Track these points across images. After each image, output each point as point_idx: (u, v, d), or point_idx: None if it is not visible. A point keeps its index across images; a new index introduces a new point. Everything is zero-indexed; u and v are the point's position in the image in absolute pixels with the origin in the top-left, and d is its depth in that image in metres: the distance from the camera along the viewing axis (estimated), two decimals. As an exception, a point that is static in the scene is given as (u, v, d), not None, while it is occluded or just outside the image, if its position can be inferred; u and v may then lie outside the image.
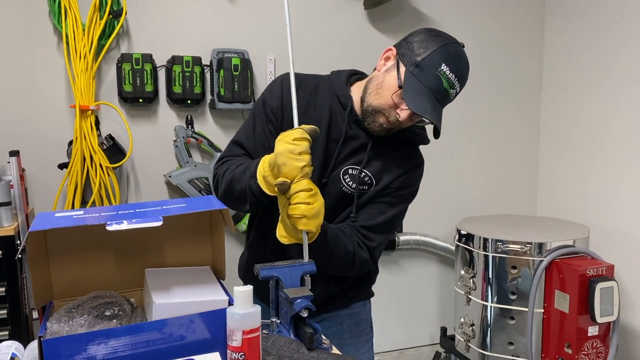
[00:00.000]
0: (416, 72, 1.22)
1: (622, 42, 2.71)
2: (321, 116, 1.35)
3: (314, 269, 1.12)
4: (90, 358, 0.84)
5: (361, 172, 1.35)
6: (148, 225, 0.87)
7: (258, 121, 1.37)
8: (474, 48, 3.06)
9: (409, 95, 1.21)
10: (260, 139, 1.35)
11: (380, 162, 1.37)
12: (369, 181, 1.36)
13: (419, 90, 1.22)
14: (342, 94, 1.37)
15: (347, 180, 1.36)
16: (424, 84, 1.22)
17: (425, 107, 1.21)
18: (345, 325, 1.50)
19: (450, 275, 3.10)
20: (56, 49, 2.37)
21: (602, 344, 2.28)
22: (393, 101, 1.26)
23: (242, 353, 0.82)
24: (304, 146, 1.09)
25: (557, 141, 3.14)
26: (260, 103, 1.38)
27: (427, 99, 1.22)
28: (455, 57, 1.24)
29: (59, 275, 0.97)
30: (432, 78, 1.22)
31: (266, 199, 1.18)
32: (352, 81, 1.42)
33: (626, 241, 2.71)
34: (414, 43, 1.26)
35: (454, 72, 1.23)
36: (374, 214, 1.37)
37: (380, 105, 1.28)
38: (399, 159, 1.39)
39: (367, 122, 1.32)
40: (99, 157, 2.31)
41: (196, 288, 0.97)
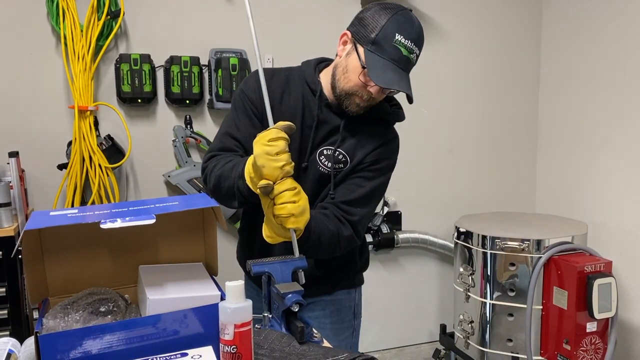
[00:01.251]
0: (374, 48, 1.28)
1: (619, 39, 2.72)
2: (295, 105, 1.42)
3: (305, 264, 1.14)
4: (86, 353, 0.85)
5: (335, 151, 1.40)
6: (141, 223, 0.88)
7: (241, 112, 1.42)
8: (472, 45, 3.08)
9: (374, 73, 1.27)
10: (247, 127, 1.40)
11: (354, 140, 1.42)
12: (343, 159, 1.41)
13: (382, 65, 1.27)
14: (311, 81, 1.43)
15: (323, 160, 1.41)
16: (385, 58, 1.27)
17: (391, 79, 1.27)
18: (328, 311, 1.55)
19: (449, 272, 3.11)
20: (54, 50, 2.39)
21: (600, 340, 2.29)
22: (361, 81, 1.32)
23: (234, 346, 0.83)
24: (280, 146, 1.11)
25: (555, 138, 3.15)
26: (238, 95, 1.44)
27: (391, 70, 1.28)
28: (406, 24, 1.29)
29: (54, 273, 0.98)
30: (390, 50, 1.27)
31: (254, 198, 1.20)
32: (320, 68, 1.48)
33: (624, 237, 2.72)
34: (365, 20, 1.32)
35: (409, 38, 1.28)
36: (352, 188, 1.41)
37: (351, 88, 1.34)
38: (372, 135, 1.44)
39: (345, 105, 1.38)
40: (98, 157, 2.32)
41: (189, 284, 0.98)
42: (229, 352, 0.84)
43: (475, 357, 2.55)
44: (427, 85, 2.96)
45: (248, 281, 1.55)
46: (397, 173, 1.53)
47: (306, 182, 1.40)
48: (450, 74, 3.05)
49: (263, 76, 1.25)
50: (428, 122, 3.01)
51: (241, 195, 1.22)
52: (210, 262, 1.07)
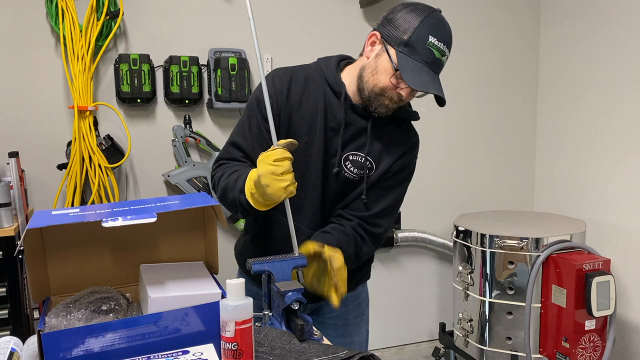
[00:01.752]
0: (407, 50, 1.26)
1: (617, 38, 2.73)
2: (316, 106, 1.38)
3: (305, 262, 1.15)
4: (88, 351, 0.86)
5: (362, 157, 1.39)
6: (142, 221, 0.89)
7: (253, 120, 1.38)
8: (471, 45, 3.08)
9: (408, 75, 1.25)
10: (256, 138, 1.37)
11: (379, 145, 1.41)
12: (369, 165, 1.40)
13: (415, 67, 1.26)
14: (334, 82, 1.39)
15: (349, 166, 1.39)
16: (418, 60, 1.26)
17: (426, 82, 1.26)
18: (350, 307, 1.57)
19: (448, 271, 3.12)
20: (54, 50, 2.39)
21: (599, 337, 2.29)
22: (392, 83, 1.29)
23: (235, 343, 0.84)
24: (285, 166, 1.12)
25: (553, 137, 3.15)
26: (254, 102, 1.40)
27: (425, 73, 1.26)
28: (439, 26, 1.27)
29: (56, 272, 0.99)
30: (423, 52, 1.25)
31: (255, 211, 1.21)
32: (341, 67, 1.44)
33: (622, 235, 2.73)
34: (395, 22, 1.29)
35: (442, 41, 1.27)
36: (376, 199, 1.41)
37: (381, 90, 1.31)
38: (396, 139, 1.43)
39: (374, 107, 1.35)
40: (97, 157, 2.33)
41: (190, 282, 0.99)
42: (230, 349, 0.84)
43: (475, 355, 2.56)
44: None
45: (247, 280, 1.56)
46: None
47: (333, 187, 1.40)
48: (449, 73, 3.04)
49: (266, 90, 1.23)
50: (427, 121, 2.99)
51: (243, 208, 1.23)
52: (211, 261, 1.08)
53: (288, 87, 1.38)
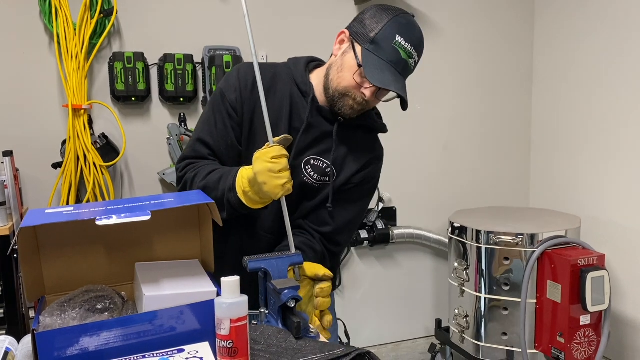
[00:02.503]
0: (372, 48, 1.23)
1: (611, 34, 2.73)
2: (281, 105, 1.34)
3: (302, 260, 1.15)
4: (83, 350, 0.86)
5: (324, 163, 1.35)
6: (137, 219, 0.89)
7: (218, 116, 1.34)
8: (465, 42, 3.08)
9: (370, 72, 1.21)
10: (222, 135, 1.34)
11: (343, 151, 1.37)
12: (329, 172, 1.36)
13: (379, 65, 1.22)
14: (302, 82, 1.36)
15: (309, 170, 1.35)
16: (383, 58, 1.22)
17: (388, 79, 1.22)
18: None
19: (444, 267, 3.13)
20: (47, 49, 2.38)
21: (594, 332, 2.30)
22: (355, 81, 1.26)
23: (230, 341, 0.84)
24: (283, 163, 1.11)
25: (548, 133, 3.16)
26: (219, 97, 1.35)
27: (388, 72, 1.23)
28: (408, 27, 1.24)
29: (50, 271, 0.99)
30: (389, 51, 1.22)
31: (245, 210, 1.20)
32: (310, 68, 1.41)
33: (617, 231, 2.74)
34: (365, 20, 1.27)
35: (410, 42, 1.23)
36: (339, 212, 1.38)
37: (345, 88, 1.28)
38: (361, 147, 1.40)
39: (338, 107, 1.32)
40: (92, 156, 2.32)
41: (185, 280, 0.99)
42: (225, 347, 0.85)
43: (471, 351, 2.57)
44: (421, 82, 2.97)
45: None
46: (391, 169, 1.54)
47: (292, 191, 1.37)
48: (444, 70, 3.06)
49: (261, 86, 1.19)
50: (422, 119, 3.02)
51: (231, 207, 1.20)
52: (206, 259, 1.08)
53: (253, 81, 1.32)
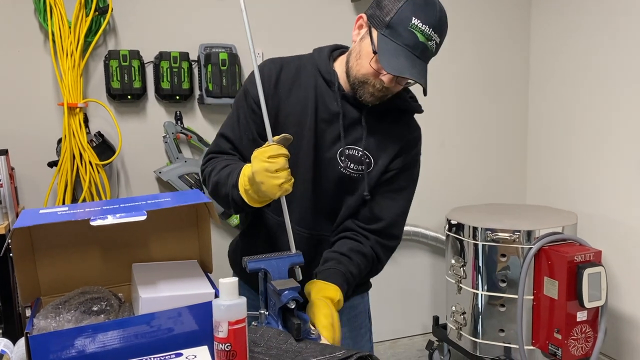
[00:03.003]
0: (388, 32, 1.18)
1: (608, 31, 2.73)
2: (306, 96, 1.32)
3: (302, 260, 1.13)
4: (79, 353, 0.85)
5: (359, 152, 1.32)
6: (132, 219, 0.88)
7: (241, 112, 1.34)
8: (462, 39, 3.07)
9: (385, 58, 1.17)
10: (244, 130, 1.33)
11: (376, 138, 1.34)
12: (367, 160, 1.33)
13: (394, 51, 1.17)
14: (326, 71, 1.33)
15: (345, 161, 1.32)
16: (398, 43, 1.17)
17: (403, 66, 1.17)
18: (344, 318, 1.48)
19: (441, 264, 3.13)
20: (42, 47, 2.37)
21: (591, 328, 2.31)
22: (373, 68, 1.22)
23: (228, 344, 0.84)
24: (280, 163, 1.08)
25: (544, 130, 3.16)
26: (242, 94, 1.36)
27: (404, 57, 1.17)
28: (425, 8, 1.18)
29: (45, 272, 0.98)
30: (405, 35, 1.17)
31: (249, 207, 1.18)
32: (334, 56, 1.38)
33: (613, 227, 2.74)
34: (382, 2, 1.21)
35: (427, 23, 1.17)
36: (388, 204, 1.36)
37: (364, 75, 1.25)
38: (395, 132, 1.36)
39: (359, 95, 1.28)
40: (88, 154, 2.31)
41: (183, 282, 0.98)
42: (223, 349, 0.84)
43: (468, 348, 2.57)
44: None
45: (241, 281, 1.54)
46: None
47: (326, 183, 1.34)
48: (441, 68, 3.04)
49: (260, 85, 1.17)
50: (419, 116, 3.01)
51: (236, 203, 1.20)
52: (205, 259, 1.07)
53: (277, 76, 1.32)
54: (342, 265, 1.28)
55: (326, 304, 1.14)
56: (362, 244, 1.34)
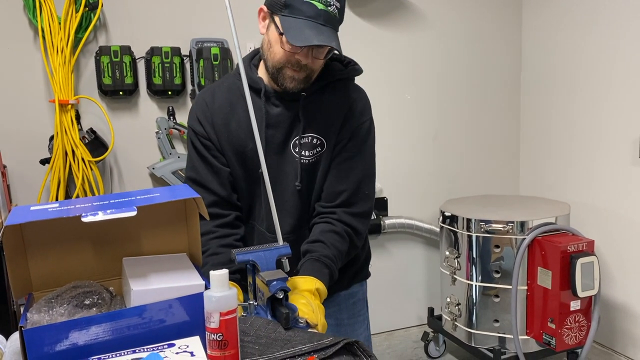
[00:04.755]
0: (287, 12, 1.22)
1: (600, 21, 2.74)
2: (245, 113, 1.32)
3: (289, 251, 1.15)
4: (72, 345, 0.86)
5: (307, 137, 1.35)
6: (123, 215, 0.88)
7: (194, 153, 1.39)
8: (455, 32, 3.08)
9: (291, 35, 1.20)
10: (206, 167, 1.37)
11: (320, 119, 1.36)
12: (319, 142, 1.36)
13: (298, 26, 1.21)
14: (251, 81, 1.35)
15: (298, 150, 1.36)
16: (300, 18, 1.21)
17: (308, 35, 1.20)
18: (343, 306, 1.53)
19: (435, 256, 3.14)
20: (32, 43, 2.36)
21: (584, 317, 2.33)
22: (285, 50, 1.25)
23: (220, 334, 0.84)
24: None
25: (536, 122, 3.18)
26: (191, 133, 1.40)
27: (309, 28, 1.21)
28: None
29: (37, 267, 0.98)
30: (304, 8, 1.21)
31: None
32: (255, 63, 1.41)
33: (605, 217, 2.76)
34: None
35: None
36: (345, 175, 1.37)
37: (279, 61, 1.28)
38: (334, 104, 1.38)
39: (280, 83, 1.31)
40: (80, 151, 2.31)
41: (173, 274, 0.98)
42: (215, 339, 0.85)
43: (463, 338, 2.59)
44: (411, 72, 2.97)
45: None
46: (383, 159, 1.52)
47: (287, 178, 1.37)
48: (434, 60, 3.06)
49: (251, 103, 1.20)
50: (412, 109, 3.02)
51: None
52: (194, 252, 1.08)
53: (211, 112, 1.37)
54: (316, 253, 1.30)
55: (302, 296, 1.16)
56: (331, 223, 1.35)
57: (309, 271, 1.26)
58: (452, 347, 2.89)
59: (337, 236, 1.33)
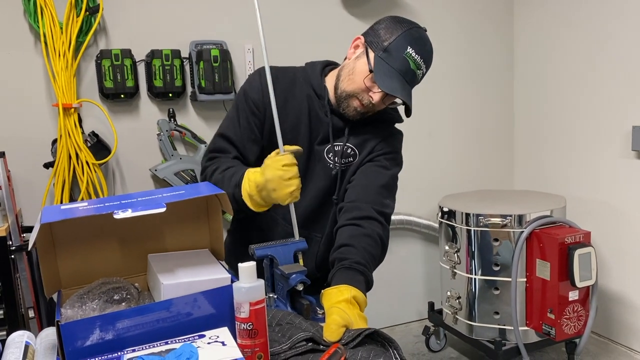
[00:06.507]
0: (384, 56, 1.31)
1: (592, 16, 2.80)
2: (300, 107, 1.43)
3: (306, 246, 1.19)
4: (106, 338, 0.89)
5: (344, 146, 1.43)
6: (152, 212, 0.92)
7: (242, 114, 1.42)
8: (448, 29, 3.13)
9: (380, 78, 1.30)
10: (245, 132, 1.41)
11: (360, 136, 1.45)
12: (352, 153, 1.44)
13: (389, 73, 1.31)
14: (317, 85, 1.44)
15: (331, 157, 1.43)
16: (393, 67, 1.31)
17: (395, 87, 1.31)
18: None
19: (434, 252, 3.19)
20: (33, 48, 2.37)
21: (582, 307, 2.38)
22: (365, 85, 1.34)
23: (250, 323, 0.88)
24: (293, 171, 1.18)
25: (530, 117, 3.23)
26: (242, 95, 1.43)
27: (397, 80, 1.31)
28: (419, 40, 1.33)
29: (66, 265, 1.01)
30: (399, 60, 1.30)
31: (249, 210, 1.25)
32: (326, 72, 1.49)
33: (601, 208, 2.82)
34: (380, 30, 1.35)
35: (419, 54, 1.32)
36: (373, 176, 1.42)
37: (354, 90, 1.36)
38: (377, 129, 1.48)
39: (342, 108, 1.40)
40: (84, 154, 2.33)
41: (199, 268, 1.02)
42: (245, 329, 0.88)
43: (464, 331, 2.63)
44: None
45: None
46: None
47: (315, 180, 1.44)
48: (428, 57, 3.10)
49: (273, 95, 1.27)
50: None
51: (236, 203, 1.25)
52: (216, 248, 1.11)
53: (274, 82, 1.38)
54: (347, 260, 1.25)
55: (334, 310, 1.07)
56: (361, 225, 1.34)
57: (341, 280, 1.18)
58: (453, 340, 2.93)
59: (368, 239, 1.31)
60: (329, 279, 1.23)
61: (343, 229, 1.33)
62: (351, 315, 1.06)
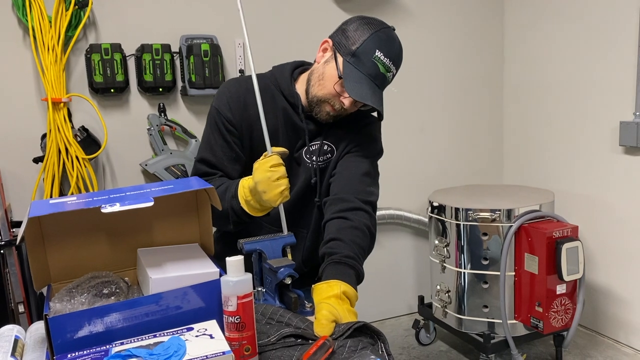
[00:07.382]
0: (353, 61, 1.31)
1: (583, 11, 2.82)
2: (276, 116, 1.42)
3: (294, 240, 1.20)
4: (94, 332, 0.89)
5: (321, 144, 1.44)
6: (141, 206, 0.92)
7: (217, 135, 1.42)
8: (438, 24, 3.14)
9: (350, 84, 1.29)
10: (224, 151, 1.41)
11: (336, 133, 1.46)
12: (329, 149, 1.45)
13: (358, 78, 1.30)
14: (289, 94, 1.43)
15: (309, 157, 1.45)
16: (362, 72, 1.30)
17: (365, 93, 1.30)
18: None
19: (424, 246, 3.21)
20: (22, 42, 2.35)
21: (569, 300, 2.41)
22: (335, 90, 1.34)
23: (237, 316, 0.89)
24: (281, 171, 1.18)
25: (520, 113, 3.25)
26: (215, 115, 1.43)
27: (367, 85, 1.30)
28: (387, 42, 1.32)
29: (55, 259, 1.02)
30: (368, 65, 1.30)
31: (248, 218, 1.26)
32: (295, 76, 1.48)
33: (588, 203, 2.85)
34: (348, 32, 1.34)
35: (388, 57, 1.31)
36: (353, 166, 1.43)
37: (325, 95, 1.36)
38: (352, 124, 1.48)
39: (315, 112, 1.40)
40: (74, 149, 2.32)
41: (188, 263, 1.02)
42: (233, 322, 0.89)
43: (453, 324, 2.66)
44: (396, 65, 3.02)
45: None
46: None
47: (296, 182, 1.45)
48: (419, 53, 3.11)
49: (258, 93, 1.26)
50: (399, 102, 3.07)
51: (235, 214, 1.27)
52: (206, 242, 1.12)
53: (244, 98, 1.41)
54: (337, 255, 1.25)
55: (323, 306, 1.07)
56: (348, 218, 1.34)
57: (331, 275, 1.18)
58: (443, 333, 2.96)
59: (356, 231, 1.30)
60: (319, 273, 1.23)
61: (330, 222, 1.33)
62: (340, 311, 1.07)
